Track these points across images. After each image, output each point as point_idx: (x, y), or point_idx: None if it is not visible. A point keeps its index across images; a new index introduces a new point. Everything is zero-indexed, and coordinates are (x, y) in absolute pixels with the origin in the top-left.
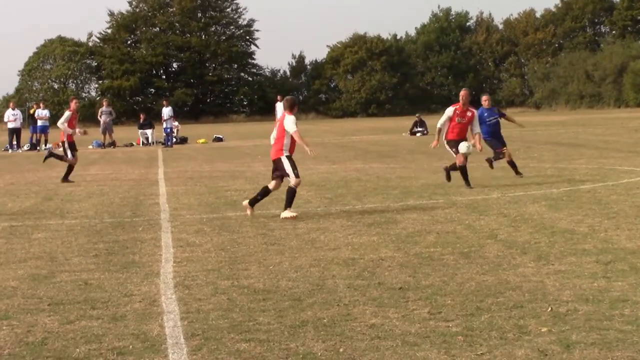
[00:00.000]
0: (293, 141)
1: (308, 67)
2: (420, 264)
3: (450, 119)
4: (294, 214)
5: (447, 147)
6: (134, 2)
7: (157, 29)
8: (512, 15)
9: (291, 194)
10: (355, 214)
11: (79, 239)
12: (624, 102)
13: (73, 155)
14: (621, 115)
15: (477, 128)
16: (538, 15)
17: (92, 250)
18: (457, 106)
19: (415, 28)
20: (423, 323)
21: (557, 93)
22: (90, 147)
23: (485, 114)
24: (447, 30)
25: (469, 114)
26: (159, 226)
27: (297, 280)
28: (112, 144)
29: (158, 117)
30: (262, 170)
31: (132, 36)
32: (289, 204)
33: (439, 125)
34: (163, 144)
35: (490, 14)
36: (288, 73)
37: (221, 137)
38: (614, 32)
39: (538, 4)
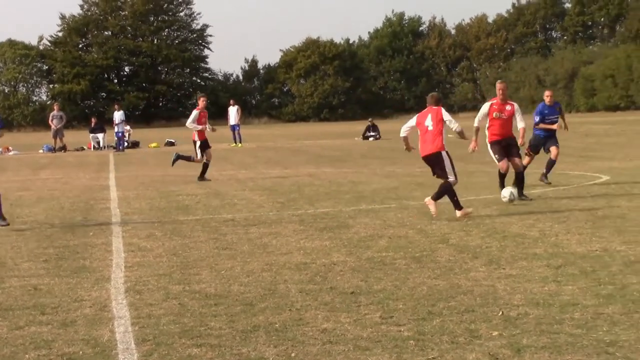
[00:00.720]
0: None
1: (261, 71)
2: (372, 269)
3: (487, 115)
4: (469, 210)
5: (490, 151)
6: (85, 6)
7: (109, 32)
8: (464, 20)
9: (449, 190)
10: (307, 219)
11: (29, 243)
12: (574, 107)
13: (205, 154)
14: (572, 120)
15: (521, 123)
16: (490, 20)
17: (42, 255)
18: (495, 101)
19: (369, 32)
20: (375, 327)
21: (509, 98)
22: (41, 151)
23: (547, 112)
24: (400, 35)
25: (508, 107)
26: (110, 231)
27: (249, 285)
28: (63, 148)
29: (110, 121)
30: (215, 174)
31: (84, 40)
32: (456, 203)
33: (476, 124)
34: (114, 148)
35: (442, 19)
36: (241, 77)
37: (173, 141)
38: (565, 37)
39: (490, 9)
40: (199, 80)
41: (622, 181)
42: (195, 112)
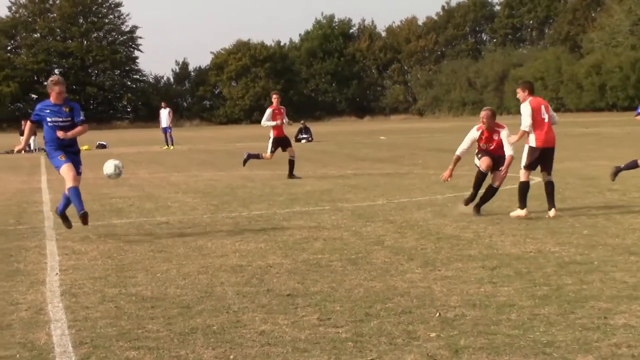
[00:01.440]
0: None
1: (192, 73)
2: (309, 271)
3: (474, 141)
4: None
5: (475, 159)
6: (13, 8)
7: (38, 34)
8: (394, 22)
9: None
10: (242, 221)
11: None
12: (505, 109)
13: (287, 151)
14: (503, 122)
15: (509, 150)
16: (420, 22)
17: None
18: (482, 130)
19: (299, 35)
20: (313, 329)
21: (440, 100)
22: None
23: None
24: (330, 37)
25: (495, 137)
26: (43, 234)
27: (186, 287)
28: None
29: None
30: (147, 177)
31: (12, 42)
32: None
33: (458, 152)
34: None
35: (372, 21)
36: (172, 80)
37: (105, 143)
38: (495, 40)
39: (420, 12)
40: (129, 82)
41: (554, 182)
42: (269, 111)
